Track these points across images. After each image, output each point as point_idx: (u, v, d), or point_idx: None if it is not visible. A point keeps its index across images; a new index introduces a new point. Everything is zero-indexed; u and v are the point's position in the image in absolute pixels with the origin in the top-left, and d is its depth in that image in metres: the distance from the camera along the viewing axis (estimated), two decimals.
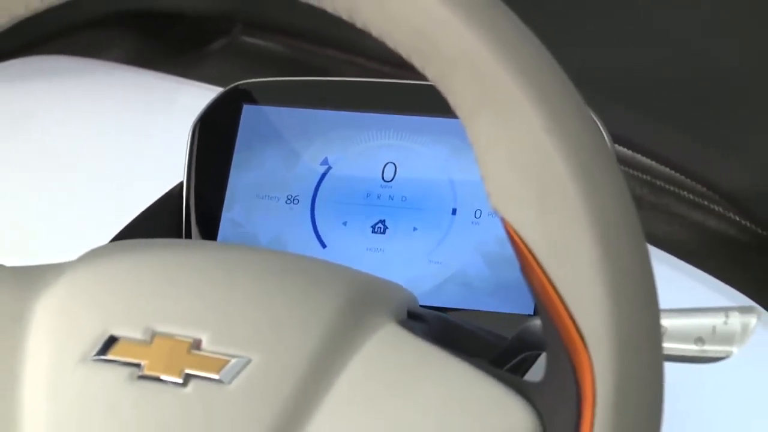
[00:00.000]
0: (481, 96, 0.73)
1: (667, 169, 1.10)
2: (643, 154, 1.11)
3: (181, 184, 1.05)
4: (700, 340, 0.81)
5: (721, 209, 1.08)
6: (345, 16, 0.75)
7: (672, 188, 1.10)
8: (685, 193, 1.09)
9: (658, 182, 1.10)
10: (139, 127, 1.23)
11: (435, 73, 0.74)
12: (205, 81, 1.22)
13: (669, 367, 0.74)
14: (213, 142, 1.05)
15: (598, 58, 0.82)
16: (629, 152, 1.11)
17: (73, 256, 0.85)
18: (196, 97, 1.07)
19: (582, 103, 0.74)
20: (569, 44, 0.74)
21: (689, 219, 1.09)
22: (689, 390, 0.83)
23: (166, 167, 1.07)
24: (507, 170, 0.73)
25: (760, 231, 1.07)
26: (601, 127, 0.74)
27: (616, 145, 0.91)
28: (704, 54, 1.19)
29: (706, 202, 1.09)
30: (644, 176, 1.10)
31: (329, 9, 0.75)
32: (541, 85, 0.73)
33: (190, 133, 1.06)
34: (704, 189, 1.09)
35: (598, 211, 0.71)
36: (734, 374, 0.86)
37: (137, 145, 1.19)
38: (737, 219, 1.08)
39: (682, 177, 1.10)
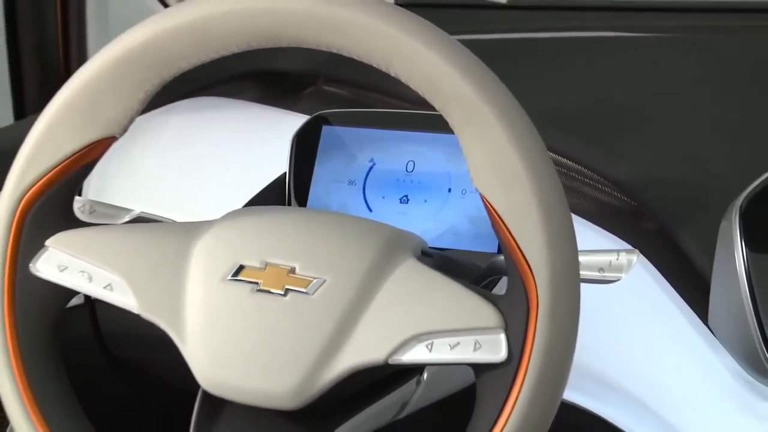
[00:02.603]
0: (468, 119, 0.71)
1: (578, 166, 1.08)
2: (563, 156, 1.08)
3: (285, 173, 1.02)
4: (601, 269, 0.78)
5: (609, 189, 1.06)
6: (384, 69, 0.72)
7: (580, 177, 1.08)
8: (588, 180, 1.07)
9: (572, 173, 1.08)
10: (261, 139, 1.21)
11: (439, 105, 0.72)
12: (300, 112, 1.19)
13: (582, 287, 0.72)
14: (304, 148, 1.02)
15: (540, 98, 0.80)
16: (555, 155, 1.08)
17: (218, 216, 0.81)
18: (295, 121, 1.05)
19: (530, 124, 0.72)
20: (524, 89, 0.71)
21: (591, 196, 1.07)
22: (595, 299, 0.79)
23: (277, 163, 1.03)
24: (484, 165, 0.71)
25: (633, 203, 1.04)
26: (541, 139, 0.71)
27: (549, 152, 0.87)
28: (600, 94, 1.17)
29: (600, 186, 1.07)
30: (563, 170, 1.08)
31: (374, 64, 0.73)
32: (506, 112, 0.71)
33: (291, 143, 1.02)
34: (600, 177, 1.07)
35: (540, 191, 0.70)
36: (621, 291, 0.82)
37: (260, 150, 1.16)
38: (619, 195, 1.05)
39: (587, 170, 1.07)
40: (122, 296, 0.77)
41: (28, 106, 1.29)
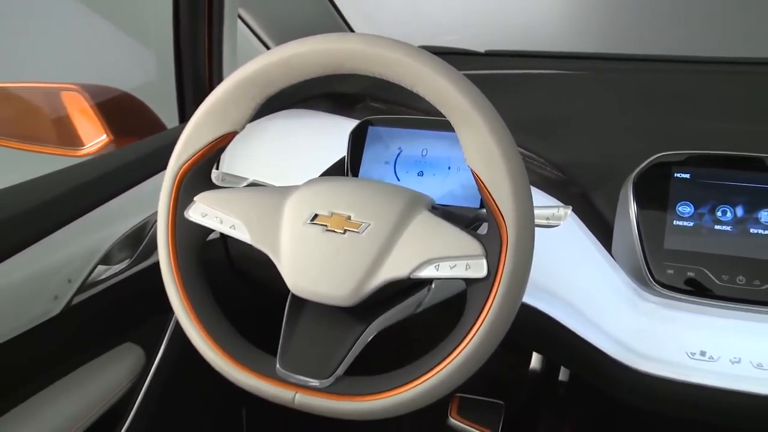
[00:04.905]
0: (464, 121, 0.67)
1: (531, 154, 1.03)
2: (524, 147, 1.04)
3: (344, 156, 0.98)
4: (547, 218, 0.76)
5: (551, 168, 1.02)
6: (410, 89, 0.69)
7: (532, 161, 1.03)
8: (537, 163, 1.03)
9: (528, 159, 1.04)
10: (328, 135, 1.15)
11: (445, 112, 0.68)
12: (355, 119, 1.15)
13: (536, 230, 0.69)
14: (356, 140, 0.98)
15: (507, 112, 0.75)
16: (519, 147, 1.02)
17: (302, 183, 0.78)
18: (351, 124, 1.00)
19: (504, 125, 0.68)
20: (503, 105, 0.67)
21: (538, 173, 1.02)
22: (543, 238, 0.74)
23: (339, 150, 0.99)
24: (474, 150, 0.67)
25: (565, 177, 1.00)
26: (511, 135, 0.68)
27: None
28: (546, 110, 1.12)
29: (545, 166, 1.02)
30: (523, 156, 1.04)
31: (404, 85, 0.69)
32: (488, 117, 0.67)
33: (348, 137, 0.98)
34: (544, 161, 1.02)
35: (509, 168, 0.67)
36: (559, 233, 0.78)
37: (328, 142, 1.10)
38: (557, 173, 1.01)
39: (537, 156, 1.03)
40: (241, 233, 0.76)
41: (187, 113, 1.26)
